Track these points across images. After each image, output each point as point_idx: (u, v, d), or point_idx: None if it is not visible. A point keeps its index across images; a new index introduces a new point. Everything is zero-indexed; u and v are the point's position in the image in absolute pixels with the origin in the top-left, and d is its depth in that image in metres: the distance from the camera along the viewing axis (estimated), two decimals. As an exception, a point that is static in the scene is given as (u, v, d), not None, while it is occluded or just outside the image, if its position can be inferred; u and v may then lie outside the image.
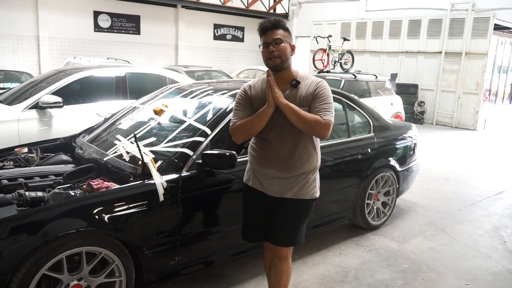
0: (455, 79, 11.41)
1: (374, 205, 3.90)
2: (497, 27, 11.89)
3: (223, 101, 2.97)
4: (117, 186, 2.44)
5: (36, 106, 4.45)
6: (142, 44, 13.61)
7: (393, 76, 10.94)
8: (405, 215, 4.44)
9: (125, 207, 2.29)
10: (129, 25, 13.32)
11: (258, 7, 15.38)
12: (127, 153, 2.70)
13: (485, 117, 11.59)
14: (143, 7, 13.40)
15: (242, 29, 16.16)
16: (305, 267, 3.23)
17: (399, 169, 4.02)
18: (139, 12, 13.41)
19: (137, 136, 2.62)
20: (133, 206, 2.31)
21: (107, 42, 12.86)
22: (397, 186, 4.06)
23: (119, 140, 2.91)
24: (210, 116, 2.84)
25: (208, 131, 2.70)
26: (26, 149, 3.16)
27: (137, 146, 2.45)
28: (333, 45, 9.90)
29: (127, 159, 2.66)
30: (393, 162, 3.95)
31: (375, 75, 8.69)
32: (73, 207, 2.19)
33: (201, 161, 2.50)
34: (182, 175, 2.49)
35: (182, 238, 2.53)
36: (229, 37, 15.93)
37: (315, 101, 2.16)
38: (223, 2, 14.14)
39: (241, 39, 16.27)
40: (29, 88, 4.90)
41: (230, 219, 2.72)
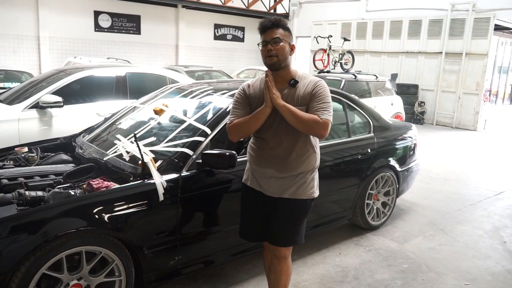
0: (456, 80, 11.41)
1: (374, 205, 3.90)
2: (497, 28, 11.90)
3: (223, 101, 2.97)
4: (117, 186, 2.44)
5: (36, 106, 4.46)
6: (143, 44, 13.62)
7: (394, 76, 10.94)
8: (405, 215, 4.44)
9: (125, 206, 2.29)
10: (129, 25, 13.33)
11: (258, 7, 15.39)
12: (127, 152, 2.71)
13: (485, 118, 11.59)
14: (143, 7, 13.41)
15: (242, 29, 16.16)
16: (305, 267, 3.23)
17: (399, 169, 4.02)
18: (140, 12, 13.42)
19: (137, 135, 2.62)
20: (133, 206, 2.31)
21: (107, 42, 12.88)
22: (397, 186, 4.06)
23: (119, 140, 2.91)
24: (210, 116, 2.85)
25: (208, 131, 2.70)
26: (26, 149, 3.17)
27: (137, 146, 2.45)
28: (333, 45, 9.90)
29: (127, 159, 2.66)
30: (393, 162, 3.95)
31: (375, 75, 8.68)
32: (73, 207, 2.19)
33: (201, 160, 2.50)
34: (182, 174, 2.50)
35: (182, 237, 2.53)
36: (229, 37, 15.93)
37: (313, 101, 2.16)
38: (223, 2, 14.15)
39: (242, 39, 16.27)
40: (30, 87, 4.91)
41: (230, 218, 2.72)
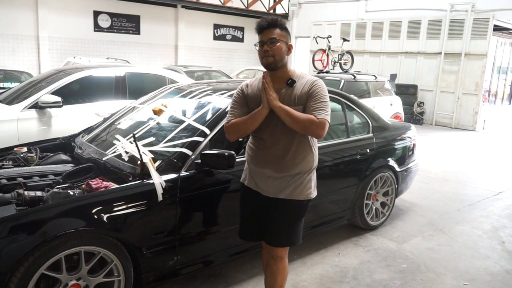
0: (455, 80, 11.42)
1: (373, 205, 3.91)
2: (496, 28, 11.91)
3: (222, 101, 2.97)
4: (116, 186, 2.44)
5: (35, 106, 4.46)
6: (142, 44, 13.61)
7: (393, 77, 10.93)
8: (404, 215, 4.44)
9: (124, 206, 2.29)
10: (129, 25, 13.32)
11: (258, 7, 15.38)
12: (126, 153, 2.71)
13: (484, 118, 11.60)
14: (143, 7, 13.40)
15: (242, 29, 16.16)
16: (304, 267, 3.23)
17: (398, 169, 4.03)
18: (139, 12, 13.42)
19: (136, 136, 2.62)
20: (132, 206, 2.31)
21: (107, 42, 12.87)
22: (396, 186, 4.07)
23: (118, 140, 2.91)
24: (209, 116, 2.85)
25: (207, 131, 2.70)
26: (25, 149, 3.17)
27: (136, 146, 2.46)
28: (332, 45, 9.91)
29: (126, 159, 2.66)
30: (392, 162, 3.96)
31: (374, 75, 8.67)
32: (72, 207, 2.19)
33: (200, 161, 2.50)
34: (181, 175, 2.50)
35: (181, 238, 2.54)
36: (229, 37, 15.93)
37: (310, 100, 2.16)
38: (223, 2, 14.15)
39: (241, 39, 16.27)
40: (29, 87, 4.91)
41: (229, 219, 2.72)
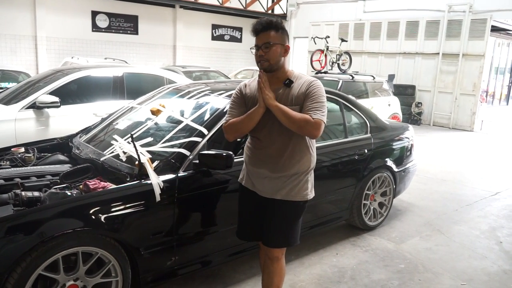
0: (453, 80, 11.45)
1: (370, 205, 3.91)
2: (494, 29, 11.95)
3: (220, 102, 2.97)
4: (113, 186, 2.44)
5: (33, 106, 4.45)
6: (140, 44, 13.60)
7: (391, 77, 10.95)
8: (402, 215, 4.45)
9: (122, 207, 2.29)
10: (127, 25, 13.31)
11: (256, 7, 15.39)
12: (124, 153, 2.70)
13: (482, 118, 11.63)
14: (141, 7, 13.39)
15: (240, 29, 16.15)
16: (302, 267, 3.23)
17: (396, 169, 4.04)
18: (137, 12, 13.40)
19: (134, 136, 2.62)
20: (130, 206, 2.31)
21: (105, 42, 12.85)
22: (394, 186, 4.07)
23: (116, 140, 2.91)
24: (207, 116, 2.85)
25: (205, 131, 2.70)
26: (23, 149, 3.16)
27: (134, 146, 2.45)
28: (331, 46, 9.91)
29: (124, 159, 2.66)
30: (390, 162, 3.96)
31: (372, 76, 8.68)
32: (70, 207, 2.18)
33: (198, 161, 2.50)
34: (179, 175, 2.49)
35: (178, 238, 2.53)
36: (227, 37, 15.93)
37: (306, 100, 2.17)
38: (221, 3, 14.15)
39: (239, 40, 16.26)
40: (26, 87, 4.89)
41: (227, 219, 2.72)
